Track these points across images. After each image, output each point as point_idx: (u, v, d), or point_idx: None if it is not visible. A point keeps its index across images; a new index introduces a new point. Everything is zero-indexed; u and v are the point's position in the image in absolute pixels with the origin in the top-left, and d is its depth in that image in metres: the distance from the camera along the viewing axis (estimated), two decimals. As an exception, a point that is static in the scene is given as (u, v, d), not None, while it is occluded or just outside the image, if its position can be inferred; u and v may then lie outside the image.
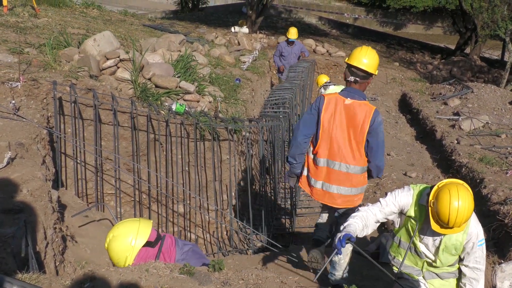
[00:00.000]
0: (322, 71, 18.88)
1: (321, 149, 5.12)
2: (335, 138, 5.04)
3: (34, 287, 2.75)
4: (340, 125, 5.02)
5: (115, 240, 4.21)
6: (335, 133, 5.03)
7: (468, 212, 3.84)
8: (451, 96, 13.97)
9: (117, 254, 4.18)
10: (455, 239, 4.15)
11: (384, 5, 38.78)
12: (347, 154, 5.04)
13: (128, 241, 4.17)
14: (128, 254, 4.15)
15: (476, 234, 4.15)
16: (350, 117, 4.98)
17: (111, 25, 13.12)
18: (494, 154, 9.05)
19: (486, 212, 7.33)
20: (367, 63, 4.99)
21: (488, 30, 21.06)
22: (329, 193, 5.18)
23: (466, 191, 3.87)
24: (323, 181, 5.18)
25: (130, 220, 4.49)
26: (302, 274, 5.78)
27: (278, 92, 10.43)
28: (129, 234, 4.22)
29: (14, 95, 5.88)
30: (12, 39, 7.85)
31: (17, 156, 4.74)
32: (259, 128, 7.71)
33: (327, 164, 5.12)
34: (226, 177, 7.61)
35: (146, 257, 4.18)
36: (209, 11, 29.66)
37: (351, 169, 5.07)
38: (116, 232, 4.27)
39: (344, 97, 5.01)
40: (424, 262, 4.43)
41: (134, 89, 7.57)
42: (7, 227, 3.66)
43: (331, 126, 5.04)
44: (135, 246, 4.17)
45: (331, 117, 5.03)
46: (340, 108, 5.01)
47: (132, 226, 4.29)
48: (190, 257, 4.35)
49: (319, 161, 5.16)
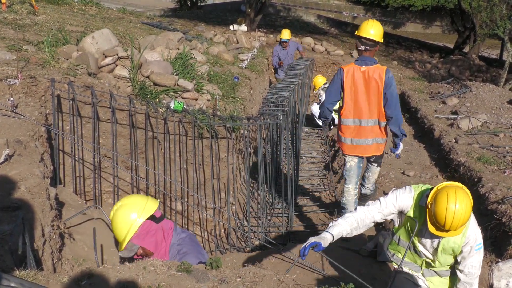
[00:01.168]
0: (320, 70, 18.90)
1: (347, 111, 6.34)
2: (358, 100, 6.25)
3: (32, 284, 2.75)
4: (360, 88, 6.21)
5: (122, 209, 4.23)
6: (357, 96, 6.23)
7: (465, 216, 3.82)
8: (450, 95, 13.97)
9: (121, 222, 4.19)
10: (453, 241, 4.15)
11: (383, 4, 38.81)
12: (369, 112, 6.27)
13: (134, 212, 4.19)
14: (133, 224, 4.16)
15: (474, 238, 4.14)
16: (367, 81, 6.16)
17: (110, 23, 13.11)
18: (492, 153, 9.05)
19: (483, 211, 7.34)
20: (374, 33, 6.10)
21: (486, 29, 21.06)
22: (358, 146, 6.46)
23: (464, 195, 3.85)
24: (352, 137, 6.44)
25: (139, 195, 4.51)
26: (300, 272, 5.79)
27: (277, 90, 10.43)
28: (136, 206, 4.24)
29: (12, 92, 5.88)
30: (11, 36, 7.85)
31: (15, 153, 4.74)
32: (258, 126, 7.71)
33: (354, 123, 6.37)
34: (224, 175, 7.62)
35: (149, 229, 4.20)
36: (208, 9, 29.69)
37: (374, 123, 6.32)
38: (125, 202, 4.29)
39: (359, 66, 6.20)
40: (423, 261, 4.44)
41: (132, 86, 7.56)
42: (5, 224, 3.67)
43: (353, 91, 6.24)
44: (141, 216, 4.19)
45: (352, 84, 6.23)
46: (358, 75, 6.19)
47: (141, 199, 4.31)
48: (187, 243, 4.36)
49: (347, 122, 6.40)
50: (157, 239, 4.27)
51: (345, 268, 5.94)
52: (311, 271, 5.82)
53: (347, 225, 4.34)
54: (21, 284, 2.61)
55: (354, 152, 6.51)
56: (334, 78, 6.35)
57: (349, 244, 6.63)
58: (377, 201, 4.44)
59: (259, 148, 7.71)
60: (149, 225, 4.24)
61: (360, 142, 6.42)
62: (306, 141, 12.78)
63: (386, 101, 6.16)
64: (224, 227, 7.72)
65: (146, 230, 4.21)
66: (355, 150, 6.50)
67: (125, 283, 3.27)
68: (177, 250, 4.32)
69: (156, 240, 4.27)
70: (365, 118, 6.29)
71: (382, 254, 6.24)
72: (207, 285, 3.34)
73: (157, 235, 4.28)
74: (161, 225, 4.34)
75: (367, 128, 6.33)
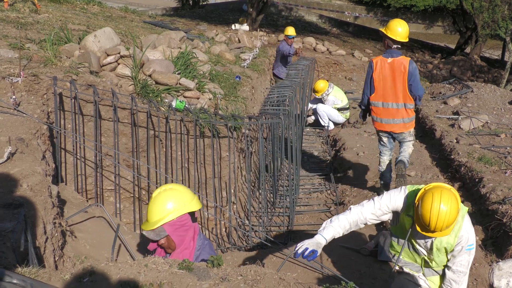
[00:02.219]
0: (322, 69, 18.91)
1: (377, 96, 7.50)
2: (385, 87, 7.40)
3: (34, 281, 2.76)
4: (387, 77, 7.34)
5: (171, 192, 4.21)
6: (385, 83, 7.38)
7: (449, 217, 3.82)
8: (451, 95, 13.97)
9: (163, 204, 4.14)
10: (446, 242, 4.16)
11: (385, 4, 38.75)
12: (396, 97, 7.39)
13: (181, 200, 4.17)
14: (179, 208, 4.13)
15: (466, 238, 4.15)
16: (393, 70, 7.28)
17: (112, 22, 13.13)
18: (493, 154, 9.05)
19: (484, 211, 7.34)
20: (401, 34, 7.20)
21: (488, 30, 21.06)
22: (387, 124, 7.59)
23: (450, 196, 3.84)
24: (382, 117, 7.58)
25: (190, 190, 4.47)
26: (301, 271, 5.80)
27: (278, 89, 10.44)
28: (185, 196, 4.22)
29: (14, 90, 5.89)
30: (13, 34, 7.86)
31: (17, 151, 4.75)
32: (259, 126, 7.72)
33: (382, 105, 7.51)
34: (226, 174, 7.63)
35: (185, 223, 4.16)
36: (210, 8, 29.67)
37: (401, 106, 7.42)
38: (176, 187, 4.27)
39: (386, 58, 7.32)
40: (422, 259, 4.45)
41: (134, 85, 7.58)
42: (7, 221, 3.68)
43: (381, 79, 7.38)
44: (190, 205, 4.19)
45: (379, 74, 7.37)
46: (385, 66, 7.32)
47: (190, 194, 4.29)
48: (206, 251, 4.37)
49: (377, 104, 7.57)
50: (186, 236, 4.25)
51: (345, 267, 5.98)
52: (312, 269, 5.83)
53: (340, 228, 4.36)
54: (23, 281, 2.62)
55: (384, 128, 7.68)
56: (368, 70, 7.61)
57: (349, 243, 6.65)
58: (371, 201, 4.44)
59: (261, 148, 7.72)
60: (187, 219, 4.21)
61: (388, 121, 7.58)
62: (308, 141, 12.79)
63: (411, 87, 7.29)
64: (225, 226, 7.73)
65: (182, 223, 4.18)
66: (385, 127, 7.66)
67: (126, 280, 3.28)
68: (195, 256, 4.32)
69: (185, 237, 4.25)
70: (391, 101, 7.44)
71: (382, 254, 6.25)
72: (208, 283, 3.35)
73: (188, 232, 4.25)
74: (194, 225, 4.33)
75: (393, 110, 7.47)
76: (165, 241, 4.19)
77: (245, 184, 8.48)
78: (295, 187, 8.70)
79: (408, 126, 7.61)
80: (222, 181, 7.66)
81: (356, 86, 17.95)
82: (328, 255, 6.38)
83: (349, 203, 8.25)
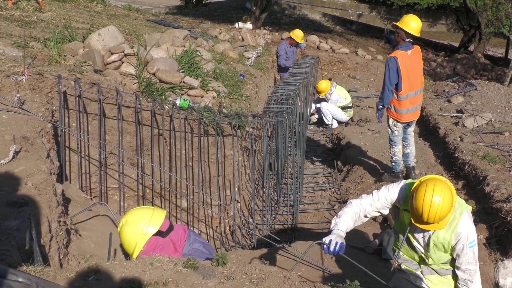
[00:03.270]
0: (325, 68, 18.86)
1: (405, 88, 7.83)
2: (411, 76, 7.83)
3: (39, 280, 2.77)
4: (412, 68, 7.83)
5: (127, 225, 4.30)
6: (410, 74, 7.81)
7: (442, 208, 3.85)
8: (455, 93, 13.94)
9: (128, 239, 4.30)
10: (442, 237, 4.15)
11: (388, 2, 38.68)
12: (419, 83, 8.06)
13: (139, 228, 4.27)
14: (138, 241, 4.23)
15: (466, 236, 4.13)
16: (414, 61, 7.87)
17: (115, 20, 13.13)
18: (497, 152, 9.03)
19: (489, 209, 7.33)
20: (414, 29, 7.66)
21: (492, 28, 20.98)
22: (413, 112, 8.10)
23: (443, 188, 3.87)
24: (408, 108, 7.99)
25: (145, 208, 4.56)
26: (305, 269, 5.80)
27: (282, 88, 10.42)
28: (141, 221, 4.30)
29: (19, 89, 5.90)
30: (17, 33, 7.87)
31: (22, 149, 4.76)
32: (263, 124, 7.71)
33: (408, 96, 7.91)
34: (230, 172, 7.62)
35: (156, 245, 4.25)
36: (213, 6, 29.62)
37: (421, 91, 8.16)
38: (130, 218, 4.35)
39: (405, 51, 7.76)
40: (419, 256, 4.44)
41: (138, 83, 7.58)
42: (12, 220, 3.69)
43: (406, 71, 7.75)
44: (146, 233, 4.26)
45: (405, 68, 7.72)
46: (406, 58, 7.76)
47: (146, 213, 4.36)
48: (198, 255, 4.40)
49: (402, 97, 7.89)
50: (165, 252, 4.32)
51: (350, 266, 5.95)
52: (317, 268, 5.83)
53: (350, 220, 4.41)
54: (29, 279, 2.62)
55: (410, 118, 8.17)
56: (390, 66, 7.76)
57: (354, 241, 6.64)
58: (370, 195, 4.48)
59: (265, 146, 7.72)
60: (155, 241, 4.32)
61: (414, 110, 8.10)
62: (311, 139, 12.78)
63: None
64: (229, 224, 7.73)
65: (153, 247, 4.31)
66: (410, 117, 8.14)
67: (131, 279, 3.28)
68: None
69: (165, 252, 4.32)
70: (417, 88, 8.00)
71: (386, 252, 6.25)
72: (213, 281, 3.35)
73: (165, 249, 4.34)
74: (169, 238, 4.39)
75: (418, 96, 8.09)
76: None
77: (249, 182, 8.48)
78: (299, 185, 8.69)
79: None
80: (226, 179, 7.66)
81: (360, 84, 17.92)
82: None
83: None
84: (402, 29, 7.67)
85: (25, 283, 2.57)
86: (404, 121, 8.14)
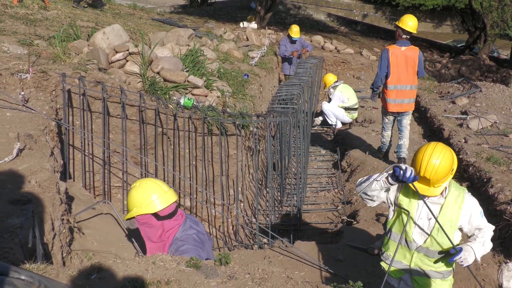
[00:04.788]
0: (330, 68, 18.86)
1: (392, 79, 8.76)
2: (400, 70, 8.69)
3: (41, 277, 2.77)
4: (401, 63, 8.68)
5: (140, 189, 4.42)
6: (400, 67, 8.68)
7: (440, 165, 3.97)
8: (459, 95, 13.93)
9: (133, 200, 4.41)
10: (450, 214, 4.16)
11: (394, 3, 38.69)
12: (407, 79, 8.77)
13: (148, 198, 4.37)
14: (139, 208, 4.35)
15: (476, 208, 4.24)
16: (405, 58, 8.66)
17: (120, 19, 13.15)
18: (502, 154, 9.02)
19: (492, 211, 7.31)
20: (411, 27, 8.60)
21: (497, 29, 20.98)
22: (399, 104, 8.88)
23: (443, 148, 4.04)
24: (394, 98, 8.85)
25: (163, 184, 4.58)
26: (308, 270, 5.79)
27: (286, 88, 10.42)
28: (153, 193, 4.40)
29: (23, 87, 5.90)
30: (22, 31, 7.88)
31: (26, 147, 4.76)
32: (267, 124, 7.71)
33: (396, 87, 8.78)
34: (233, 172, 7.62)
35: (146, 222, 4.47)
36: (218, 6, 29.64)
37: (411, 88, 8.84)
38: (146, 185, 4.47)
39: (399, 46, 8.69)
40: (413, 253, 4.38)
41: (142, 82, 7.58)
42: (15, 217, 3.69)
43: (396, 64, 8.68)
44: (148, 206, 4.36)
45: (395, 60, 8.66)
46: (399, 53, 8.66)
47: (161, 190, 4.47)
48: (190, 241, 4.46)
49: (390, 87, 8.81)
50: (152, 234, 4.46)
51: (353, 266, 5.96)
52: (319, 269, 5.83)
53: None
54: (31, 277, 2.62)
55: (395, 108, 8.96)
56: (382, 55, 8.80)
57: (357, 242, 6.64)
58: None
59: (268, 146, 7.71)
60: (148, 219, 4.41)
61: (401, 102, 8.87)
62: (315, 139, 12.77)
63: (419, 72, 8.81)
64: (232, 224, 7.73)
65: (143, 221, 4.41)
66: (396, 107, 8.93)
67: (134, 277, 3.28)
68: (178, 246, 4.39)
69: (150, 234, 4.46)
70: (404, 83, 8.76)
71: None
72: (216, 281, 3.35)
73: (152, 230, 4.46)
74: (162, 223, 4.43)
75: (405, 91, 8.81)
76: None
77: (252, 182, 8.48)
78: (302, 185, 8.68)
79: (413, 105, 9.08)
80: (229, 179, 7.66)
81: (364, 85, 17.90)
82: (335, 254, 6.37)
83: (356, 202, 8.24)
84: (400, 27, 8.65)
85: (28, 281, 2.57)
86: (389, 110, 9.00)
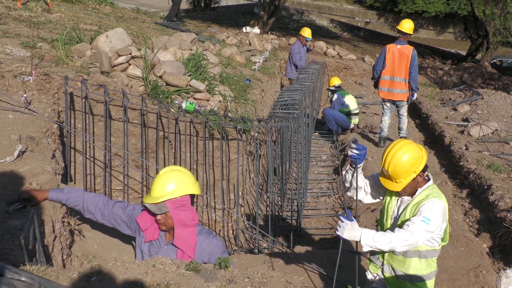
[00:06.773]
0: (332, 74, 18.89)
1: (386, 71, 10.46)
2: (395, 64, 10.37)
3: (42, 279, 2.78)
4: (396, 58, 10.35)
5: (178, 172, 4.30)
6: (393, 63, 10.38)
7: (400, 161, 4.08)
8: (461, 102, 13.95)
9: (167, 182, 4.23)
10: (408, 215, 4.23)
11: (396, 10, 38.71)
12: (400, 72, 10.33)
13: (187, 181, 4.26)
14: (179, 189, 4.20)
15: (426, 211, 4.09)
16: (400, 54, 10.32)
17: (123, 22, 13.19)
18: (502, 161, 9.03)
19: (492, 218, 7.33)
20: (407, 28, 10.44)
21: (500, 37, 20.99)
22: (389, 92, 10.51)
23: (411, 147, 4.15)
24: (388, 87, 10.50)
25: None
26: (308, 274, 5.80)
27: (288, 93, 10.44)
28: (190, 179, 4.31)
29: (26, 89, 5.92)
30: (25, 33, 7.91)
31: (28, 149, 4.78)
32: (268, 129, 7.72)
33: (389, 78, 10.42)
34: (234, 176, 7.63)
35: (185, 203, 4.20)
36: (221, 10, 29.69)
37: (402, 80, 10.35)
38: (183, 170, 4.38)
39: (396, 45, 10.41)
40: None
41: (145, 86, 7.60)
42: (16, 219, 3.70)
43: (390, 59, 10.40)
44: (194, 188, 4.27)
45: (391, 55, 10.38)
46: (395, 50, 10.39)
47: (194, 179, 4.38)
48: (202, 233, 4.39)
49: (384, 78, 10.50)
50: (184, 216, 4.25)
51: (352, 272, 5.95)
52: (319, 273, 5.83)
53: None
54: (31, 279, 2.63)
55: (388, 96, 10.56)
56: (382, 52, 10.61)
57: (351, 246, 6.64)
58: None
59: (269, 151, 7.72)
60: (187, 200, 4.25)
61: (392, 91, 10.48)
62: (316, 145, 12.79)
63: (411, 67, 10.28)
64: (233, 228, 7.74)
65: (183, 203, 4.22)
66: (389, 95, 10.54)
67: (134, 280, 3.29)
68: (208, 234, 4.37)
69: (183, 216, 4.25)
70: (397, 76, 10.35)
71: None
72: (215, 285, 3.36)
73: (187, 213, 4.25)
74: (193, 208, 4.36)
75: (397, 82, 10.37)
76: (162, 217, 4.23)
77: (253, 187, 8.49)
78: (303, 191, 8.69)
79: (405, 95, 10.48)
80: (230, 183, 7.67)
81: (366, 91, 17.94)
82: (335, 260, 6.37)
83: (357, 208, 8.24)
84: (397, 28, 10.57)
85: (28, 282, 2.58)
86: (381, 96, 10.74)
